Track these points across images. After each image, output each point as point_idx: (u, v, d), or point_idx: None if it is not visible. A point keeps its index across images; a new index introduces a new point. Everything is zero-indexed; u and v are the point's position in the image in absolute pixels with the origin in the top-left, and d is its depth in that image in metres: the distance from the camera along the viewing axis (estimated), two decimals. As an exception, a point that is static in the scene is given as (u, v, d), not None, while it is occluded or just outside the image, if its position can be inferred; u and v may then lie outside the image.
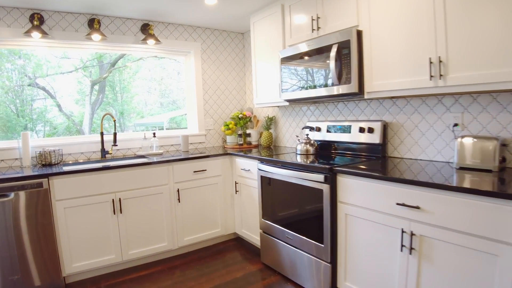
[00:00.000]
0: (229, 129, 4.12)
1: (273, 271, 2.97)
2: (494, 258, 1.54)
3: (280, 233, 2.85)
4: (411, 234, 1.87)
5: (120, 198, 2.94)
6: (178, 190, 3.26)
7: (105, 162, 3.35)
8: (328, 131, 3.12)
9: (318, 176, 2.37)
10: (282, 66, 3.12)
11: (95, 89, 4.01)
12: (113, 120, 3.44)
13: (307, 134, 3.17)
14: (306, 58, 2.84)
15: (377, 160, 2.62)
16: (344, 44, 2.48)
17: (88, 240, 2.84)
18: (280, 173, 2.77)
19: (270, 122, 3.98)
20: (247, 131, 4.16)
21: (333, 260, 2.38)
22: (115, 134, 3.44)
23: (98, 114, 3.94)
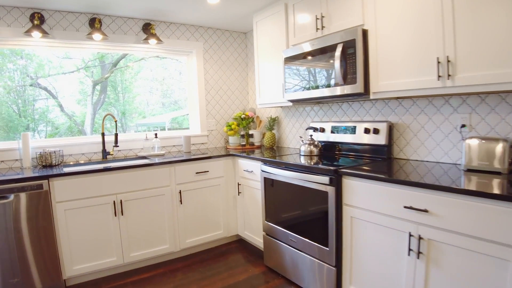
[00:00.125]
0: (231, 129, 4.09)
1: (276, 274, 2.92)
2: (505, 264, 1.49)
3: (283, 235, 2.80)
4: (419, 238, 1.83)
5: (121, 200, 2.91)
6: (180, 192, 3.22)
7: (106, 163, 3.32)
8: (332, 132, 3.07)
9: (323, 178, 2.33)
10: (285, 66, 3.08)
11: (97, 89, 3.99)
12: (114, 120, 3.40)
13: (311, 135, 3.12)
14: (310, 57, 2.79)
15: (382, 161, 2.58)
16: (349, 43, 2.43)
17: (89, 242, 2.80)
18: (284, 174, 2.72)
19: (273, 123, 3.94)
20: (250, 132, 4.12)
21: (338, 263, 2.34)
22: (116, 135, 3.40)
23: (100, 114, 3.91)
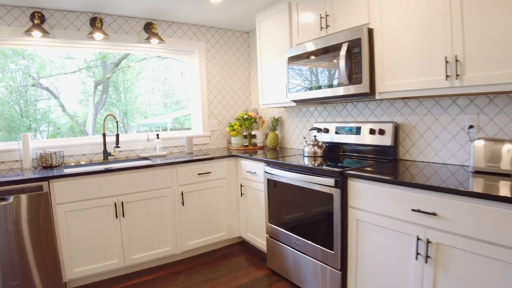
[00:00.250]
0: (234, 130, 4.05)
1: (280, 277, 2.88)
2: (518, 269, 1.45)
3: (287, 238, 2.76)
4: (427, 242, 1.78)
5: (122, 202, 2.87)
6: (182, 193, 3.17)
7: (107, 164, 3.28)
8: (336, 133, 3.03)
9: (328, 180, 2.28)
10: (289, 66, 3.03)
11: (99, 89, 3.97)
12: (115, 121, 3.36)
13: (315, 136, 3.08)
14: (314, 57, 2.75)
15: (388, 163, 2.53)
16: (354, 42, 2.39)
17: (89, 244, 2.77)
18: (288, 176, 2.68)
19: (276, 123, 3.89)
20: (252, 132, 4.07)
21: (343, 267, 2.29)
22: (118, 136, 3.36)
23: (102, 114, 3.89)
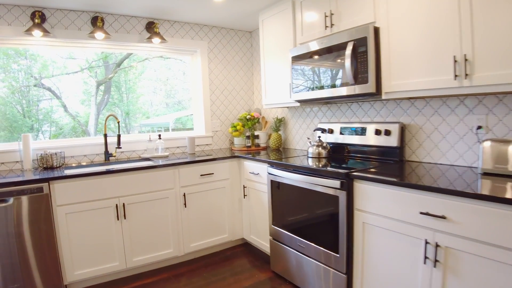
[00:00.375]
0: (236, 130, 4.00)
1: (283, 280, 2.83)
2: (531, 275, 1.40)
3: (291, 240, 2.71)
4: (436, 246, 1.73)
5: (124, 203, 2.83)
6: (185, 195, 3.13)
7: (108, 165, 3.24)
8: (341, 133, 2.98)
9: (334, 182, 2.24)
10: (292, 65, 2.99)
11: (101, 89, 3.96)
12: (117, 121, 3.32)
13: (319, 136, 3.03)
14: (319, 56, 2.70)
15: (394, 164, 2.48)
16: (360, 41, 2.34)
17: (90, 246, 2.73)
18: (292, 177, 2.63)
19: (279, 124, 3.85)
20: (255, 133, 4.03)
21: (348, 271, 2.25)
22: (119, 136, 3.33)
23: (104, 114, 3.88)
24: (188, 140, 3.76)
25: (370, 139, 2.73)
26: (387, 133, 2.59)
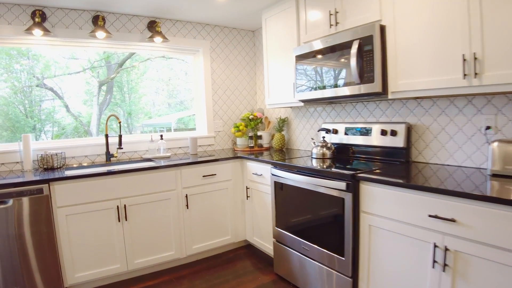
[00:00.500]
0: (239, 130, 3.96)
1: (287, 283, 2.78)
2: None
3: (295, 243, 2.66)
4: (445, 249, 1.68)
5: (125, 205, 2.79)
6: (187, 196, 3.09)
7: (109, 166, 3.21)
8: (346, 134, 2.93)
9: (340, 183, 2.19)
10: (296, 65, 2.94)
11: (103, 89, 3.94)
12: (118, 121, 3.28)
13: (324, 137, 2.98)
14: (323, 55, 2.65)
15: (401, 165, 2.43)
16: (365, 40, 2.29)
17: (91, 248, 2.69)
18: (296, 179, 2.58)
19: (283, 124, 3.80)
20: (258, 133, 3.98)
21: (354, 274, 2.20)
22: (120, 137, 3.28)
23: (106, 114, 3.84)
24: (190, 140, 3.72)
25: (376, 140, 2.68)
26: (393, 133, 2.54)
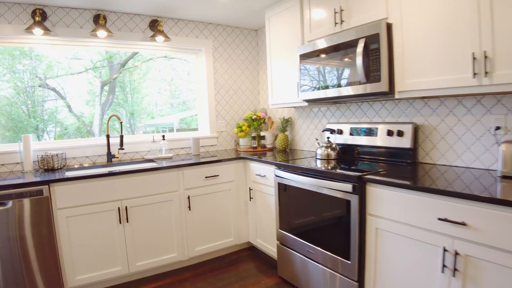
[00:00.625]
0: (242, 131, 3.92)
1: (291, 286, 2.73)
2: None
3: (299, 246, 2.61)
4: (455, 254, 1.63)
5: (126, 206, 2.75)
6: (189, 197, 3.05)
7: (111, 167, 3.17)
8: (351, 134, 2.87)
9: (346, 185, 2.13)
10: (300, 64, 2.89)
11: (105, 89, 3.91)
12: (119, 122, 3.24)
13: (328, 137, 2.93)
14: (328, 54, 2.60)
15: (407, 166, 2.38)
16: (372, 38, 2.24)
17: (92, 251, 2.65)
18: (300, 180, 2.53)
19: (286, 124, 3.75)
20: (261, 133, 3.93)
21: (360, 278, 2.14)
22: (122, 137, 3.24)
23: (108, 115, 3.81)
24: (192, 141, 3.68)
25: (382, 140, 2.63)
26: (400, 134, 2.49)
